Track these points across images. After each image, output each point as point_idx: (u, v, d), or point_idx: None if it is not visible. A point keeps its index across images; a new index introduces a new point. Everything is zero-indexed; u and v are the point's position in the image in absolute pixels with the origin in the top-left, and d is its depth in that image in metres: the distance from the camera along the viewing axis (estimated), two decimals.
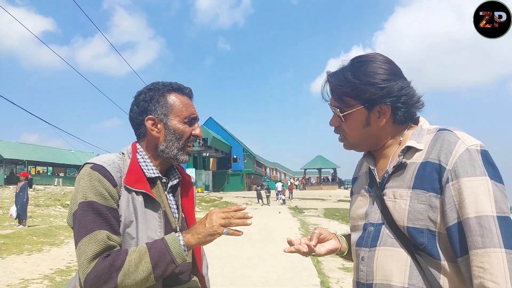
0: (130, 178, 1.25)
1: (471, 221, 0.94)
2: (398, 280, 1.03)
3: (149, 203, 1.25)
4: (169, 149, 1.33)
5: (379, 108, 1.11)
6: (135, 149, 1.36)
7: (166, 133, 1.33)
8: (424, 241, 1.01)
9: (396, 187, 1.09)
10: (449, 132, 1.05)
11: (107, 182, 1.20)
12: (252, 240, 10.71)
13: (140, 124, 1.36)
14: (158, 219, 1.26)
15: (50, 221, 13.92)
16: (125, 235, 1.20)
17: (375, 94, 1.09)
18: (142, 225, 1.22)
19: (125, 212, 1.21)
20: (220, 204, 26.57)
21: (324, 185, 54.22)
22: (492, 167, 0.99)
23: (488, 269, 0.90)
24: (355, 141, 1.19)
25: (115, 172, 1.24)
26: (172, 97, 1.36)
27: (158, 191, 1.33)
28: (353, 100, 1.12)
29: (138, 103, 1.37)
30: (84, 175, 1.21)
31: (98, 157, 1.30)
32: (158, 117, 1.33)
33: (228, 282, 5.98)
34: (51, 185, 33.53)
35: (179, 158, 1.35)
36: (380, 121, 1.13)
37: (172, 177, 1.41)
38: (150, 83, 1.41)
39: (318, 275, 6.47)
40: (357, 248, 1.16)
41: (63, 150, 44.24)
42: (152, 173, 1.32)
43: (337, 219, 19.41)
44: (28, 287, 5.76)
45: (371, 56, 1.14)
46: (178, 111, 1.35)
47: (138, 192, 1.24)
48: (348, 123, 1.16)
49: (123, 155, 1.34)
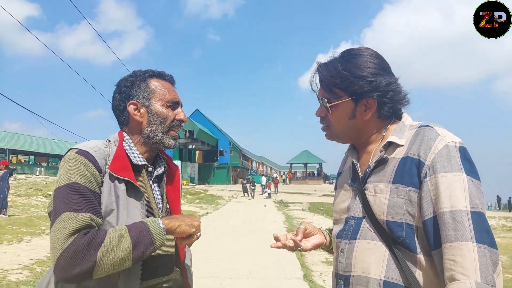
0: (115, 165, 1.23)
1: (446, 215, 0.96)
2: (375, 273, 1.05)
3: (132, 191, 1.23)
4: (154, 133, 1.31)
5: (365, 101, 1.12)
6: (122, 136, 1.33)
7: (150, 117, 1.32)
8: (402, 234, 1.03)
9: (377, 182, 1.10)
10: (430, 129, 1.07)
11: (93, 166, 1.18)
12: (236, 233, 10.73)
13: (122, 111, 1.34)
14: (141, 208, 1.23)
15: (31, 211, 13.67)
16: (105, 224, 1.17)
17: (363, 87, 1.10)
18: (123, 214, 1.19)
19: (106, 200, 1.18)
20: (205, 197, 26.53)
21: (309, 180, 54.67)
22: (469, 163, 1.01)
23: (459, 262, 0.92)
24: (339, 132, 1.20)
25: (101, 159, 1.22)
26: (154, 82, 1.35)
27: (142, 180, 1.30)
28: (341, 91, 1.13)
29: (119, 90, 1.35)
30: (69, 159, 1.19)
31: (83, 143, 1.28)
32: (140, 102, 1.32)
33: (211, 275, 5.98)
34: (33, 174, 32.91)
35: (164, 142, 1.33)
36: (366, 115, 1.14)
37: (158, 167, 1.39)
38: (132, 71, 1.40)
39: (301, 268, 6.54)
40: (338, 240, 1.18)
41: (46, 139, 43.44)
42: (138, 160, 1.30)
43: (322, 213, 19.63)
44: (7, 277, 5.66)
45: (362, 50, 1.16)
46: (161, 95, 1.34)
47: (121, 180, 1.21)
48: (334, 114, 1.17)
49: (109, 142, 1.32)
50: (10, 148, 36.17)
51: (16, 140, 38.60)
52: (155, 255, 1.27)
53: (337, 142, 1.24)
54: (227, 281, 5.70)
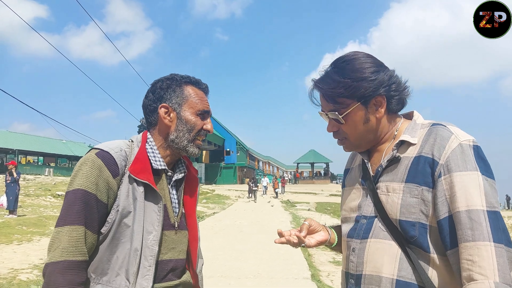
0: (135, 167, 1.23)
1: (462, 214, 0.95)
2: (388, 272, 1.04)
3: (150, 195, 1.24)
4: (179, 139, 1.32)
5: (374, 101, 1.12)
6: (145, 138, 1.34)
7: (178, 123, 1.32)
8: (415, 234, 1.02)
9: (389, 181, 1.09)
10: (443, 127, 1.06)
11: (108, 171, 1.19)
12: (243, 233, 10.74)
13: (153, 112, 1.34)
14: (158, 212, 1.24)
15: (40, 211, 13.81)
16: (121, 225, 1.19)
17: (369, 88, 1.09)
18: (140, 217, 1.21)
19: (124, 202, 1.20)
20: (212, 196, 26.58)
21: (316, 180, 54.56)
22: (484, 162, 1.00)
23: (477, 262, 0.91)
24: (357, 140, 1.17)
25: (121, 160, 1.23)
26: (189, 89, 1.36)
27: (161, 184, 1.31)
28: (348, 99, 1.11)
29: (154, 90, 1.36)
30: (87, 160, 1.21)
31: (106, 142, 1.29)
32: (172, 106, 1.32)
33: (219, 275, 5.99)
34: (42, 175, 33.24)
35: (188, 150, 1.34)
36: (379, 113, 1.13)
37: (178, 171, 1.39)
38: (169, 74, 1.40)
39: (309, 268, 6.51)
40: (349, 239, 1.17)
41: (54, 140, 43.87)
42: (159, 165, 1.30)
43: (329, 213, 19.57)
44: (17, 277, 5.72)
45: (352, 54, 1.15)
46: (193, 103, 1.34)
47: (140, 183, 1.22)
48: (349, 123, 1.14)
49: (132, 143, 1.32)
50: (19, 149, 36.55)
51: (25, 141, 38.99)
52: (167, 259, 1.28)
53: None
54: (235, 280, 5.71)
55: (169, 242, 1.29)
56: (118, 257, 1.19)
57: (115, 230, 1.19)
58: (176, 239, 1.32)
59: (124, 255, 1.19)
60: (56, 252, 1.12)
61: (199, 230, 1.45)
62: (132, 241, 1.19)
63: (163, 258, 1.27)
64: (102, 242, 1.20)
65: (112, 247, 1.19)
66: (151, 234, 1.22)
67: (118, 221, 1.19)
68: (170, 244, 1.30)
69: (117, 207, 1.20)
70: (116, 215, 1.19)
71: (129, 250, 1.19)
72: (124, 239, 1.19)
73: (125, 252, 1.19)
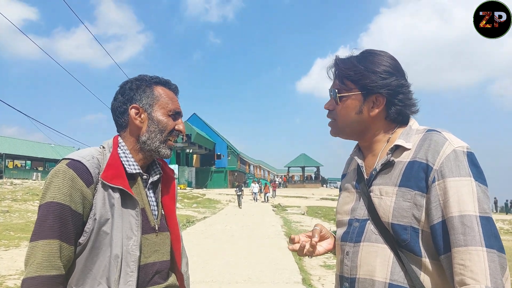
0: (108, 173, 1.21)
1: (455, 219, 0.96)
2: (381, 276, 1.05)
3: (127, 200, 1.22)
4: (151, 140, 1.30)
5: (374, 98, 1.14)
6: (117, 142, 1.32)
7: (150, 123, 1.31)
8: (407, 237, 1.03)
9: (383, 184, 1.10)
10: (437, 133, 1.07)
11: (81, 181, 1.17)
12: (235, 237, 10.71)
13: (123, 113, 1.32)
14: (136, 217, 1.23)
15: (28, 216, 13.59)
16: (100, 233, 1.17)
17: (374, 82, 1.12)
18: (118, 223, 1.19)
19: (100, 210, 1.18)
20: (203, 201, 26.46)
21: (307, 184, 54.64)
22: (477, 169, 1.01)
23: (469, 267, 0.92)
24: (344, 126, 1.20)
25: (94, 168, 1.21)
26: (159, 89, 1.35)
27: (137, 187, 1.29)
28: (353, 84, 1.15)
29: (123, 92, 1.34)
30: (58, 172, 1.18)
31: (77, 151, 1.26)
32: (143, 107, 1.31)
33: (210, 279, 5.97)
34: (29, 179, 32.75)
35: (160, 151, 1.32)
36: (373, 111, 1.15)
37: (153, 173, 1.38)
38: (137, 75, 1.39)
39: (300, 272, 6.52)
40: (342, 243, 1.18)
41: (42, 144, 43.32)
42: (133, 169, 1.29)
43: (319, 217, 19.60)
44: (4, 283, 5.62)
45: (380, 51, 1.18)
46: (164, 103, 1.33)
47: (115, 189, 1.20)
48: (343, 106, 1.17)
49: (103, 149, 1.30)
50: (6, 153, 35.99)
51: (12, 145, 38.45)
52: (151, 262, 1.27)
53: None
54: (225, 285, 5.68)
55: (151, 245, 1.28)
56: (99, 265, 1.17)
57: (94, 239, 1.17)
58: (158, 241, 1.31)
59: (105, 263, 1.17)
60: (31, 268, 1.10)
61: (181, 229, 1.45)
62: (112, 248, 1.17)
63: (147, 262, 1.25)
64: (82, 252, 1.18)
65: (92, 256, 1.18)
66: (131, 239, 1.20)
67: (96, 229, 1.17)
68: (153, 247, 1.28)
69: (94, 216, 1.18)
70: (94, 224, 1.17)
71: (109, 257, 1.17)
72: (104, 247, 1.18)
73: (105, 260, 1.17)
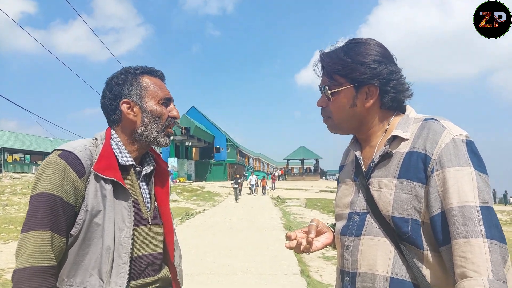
0: (100, 164, 1.20)
1: (455, 211, 0.94)
2: (382, 269, 1.03)
3: (119, 191, 1.21)
4: (148, 132, 1.29)
5: (367, 89, 1.10)
6: (109, 134, 1.30)
7: (144, 115, 1.29)
8: (408, 230, 1.01)
9: (381, 177, 1.08)
10: (435, 122, 1.04)
11: (73, 172, 1.16)
12: (233, 230, 10.74)
13: (114, 110, 1.31)
14: (128, 208, 1.22)
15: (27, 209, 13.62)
16: (91, 225, 1.17)
17: (365, 74, 1.08)
18: (110, 215, 1.18)
19: (92, 201, 1.17)
20: (202, 194, 26.51)
21: (306, 176, 54.76)
22: (477, 157, 0.98)
23: (470, 259, 0.90)
24: (340, 122, 1.16)
25: (86, 159, 1.20)
26: (145, 79, 1.32)
27: (130, 179, 1.29)
28: (343, 78, 1.11)
29: (110, 88, 1.32)
30: (50, 162, 1.17)
31: (69, 143, 1.25)
32: (134, 100, 1.29)
33: (208, 271, 5.99)
34: (28, 173, 32.75)
35: (159, 140, 1.31)
36: (367, 102, 1.11)
37: (146, 165, 1.37)
38: (120, 69, 1.37)
39: (298, 263, 6.54)
40: (342, 236, 1.15)
41: (41, 137, 43.25)
42: (126, 161, 1.28)
43: (319, 209, 19.69)
44: (3, 276, 5.64)
45: (365, 39, 1.14)
46: (153, 92, 1.31)
47: (107, 180, 1.19)
48: (335, 102, 1.13)
49: (96, 141, 1.29)
50: (5, 147, 35.94)
51: (11, 139, 38.39)
52: (143, 254, 1.26)
53: (336, 136, 1.21)
54: (224, 277, 5.70)
55: (143, 237, 1.28)
56: (91, 257, 1.17)
57: (86, 230, 1.17)
58: (150, 233, 1.30)
59: (96, 254, 1.16)
60: (22, 259, 1.09)
61: (174, 222, 1.44)
62: (104, 240, 1.17)
63: (139, 254, 1.25)
64: (73, 243, 1.17)
65: (84, 248, 1.17)
66: (123, 231, 1.20)
67: (88, 221, 1.17)
68: (145, 239, 1.28)
69: (86, 207, 1.17)
70: (86, 215, 1.17)
71: (101, 249, 1.16)
72: (96, 238, 1.17)
73: (97, 251, 1.17)
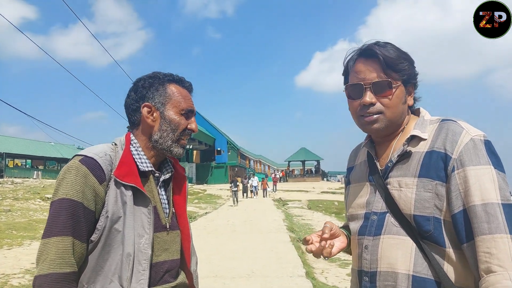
0: (121, 170, 1.21)
1: (477, 208, 0.97)
2: (403, 268, 1.04)
3: (139, 197, 1.22)
4: (163, 139, 1.29)
5: (410, 88, 1.17)
6: (129, 140, 1.31)
7: (162, 122, 1.30)
8: (430, 228, 1.03)
9: (401, 176, 1.10)
10: (453, 123, 1.08)
11: (94, 178, 1.17)
12: (237, 232, 10.74)
13: (135, 111, 1.32)
14: (148, 215, 1.23)
15: (30, 214, 13.61)
16: (112, 231, 1.17)
17: (414, 73, 1.16)
18: (130, 221, 1.19)
19: (112, 207, 1.18)
20: (204, 196, 26.50)
21: (307, 177, 54.69)
22: (495, 157, 1.02)
23: (495, 254, 0.93)
24: (394, 117, 1.14)
25: (106, 165, 1.21)
26: (172, 87, 1.33)
27: (149, 185, 1.29)
28: (398, 74, 1.13)
29: (136, 89, 1.33)
30: (71, 168, 1.17)
31: (90, 148, 1.26)
32: (155, 105, 1.30)
33: (213, 275, 5.99)
34: (30, 178, 32.75)
35: (172, 150, 1.31)
36: (410, 100, 1.18)
37: (165, 171, 1.37)
38: (151, 72, 1.37)
39: (303, 266, 6.54)
40: (360, 237, 1.16)
41: (42, 142, 43.22)
42: (145, 167, 1.28)
43: (320, 210, 19.66)
44: (9, 282, 5.64)
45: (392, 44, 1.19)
46: (176, 102, 1.31)
47: (127, 186, 1.20)
48: (394, 97, 1.12)
49: (115, 146, 1.29)
50: (6, 152, 35.96)
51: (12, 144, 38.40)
52: (161, 261, 1.27)
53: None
54: (229, 280, 5.70)
55: (162, 243, 1.28)
56: (111, 263, 1.17)
57: (106, 236, 1.17)
58: (168, 239, 1.31)
59: (116, 261, 1.17)
60: (44, 265, 1.09)
61: (191, 228, 1.45)
62: (124, 246, 1.17)
63: (158, 260, 1.26)
64: (93, 250, 1.18)
65: (104, 254, 1.17)
66: (143, 237, 1.20)
67: (108, 227, 1.17)
68: (163, 245, 1.28)
69: (106, 213, 1.17)
70: (106, 221, 1.17)
71: (121, 255, 1.17)
72: (116, 244, 1.17)
73: (117, 258, 1.17)
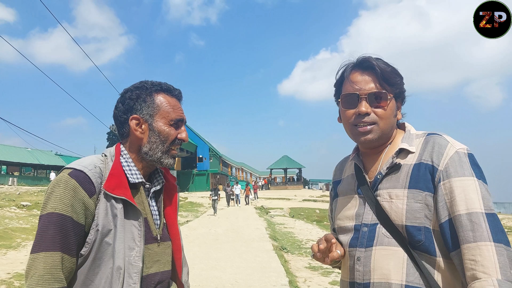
0: (110, 183, 1.20)
1: (462, 217, 1.02)
2: (396, 278, 1.08)
3: (129, 210, 1.21)
4: (153, 151, 1.28)
5: (399, 102, 1.23)
6: (119, 151, 1.29)
7: (151, 134, 1.28)
8: (421, 238, 1.07)
9: (391, 188, 1.14)
10: (439, 136, 1.14)
11: (83, 191, 1.16)
12: (219, 241, 10.67)
13: (123, 123, 1.30)
14: (138, 227, 1.21)
15: (5, 222, 13.16)
16: (102, 244, 1.16)
17: (403, 88, 1.22)
18: (120, 234, 1.18)
19: (103, 220, 1.16)
20: (185, 204, 26.21)
21: (289, 185, 54.94)
22: (478, 169, 1.08)
23: (480, 261, 0.98)
24: (385, 129, 1.18)
25: (96, 177, 1.19)
26: (160, 97, 1.30)
27: (140, 197, 1.28)
28: (392, 88, 1.19)
29: (123, 101, 1.31)
30: (60, 181, 1.16)
31: (79, 160, 1.24)
32: (143, 117, 1.28)
33: (196, 284, 5.94)
34: (5, 184, 31.73)
35: (163, 161, 1.30)
36: (399, 114, 1.24)
37: (156, 182, 1.37)
38: (138, 82, 1.35)
39: (286, 274, 6.55)
40: (351, 249, 1.19)
41: (18, 148, 41.95)
42: (136, 178, 1.27)
43: (302, 218, 19.75)
44: None
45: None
46: (165, 112, 1.29)
47: (118, 199, 1.19)
48: (387, 109, 1.18)
49: (105, 158, 1.28)
50: None
51: None
52: (152, 273, 1.26)
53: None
54: None
55: (152, 255, 1.26)
56: (101, 277, 1.15)
57: (96, 250, 1.16)
58: (159, 251, 1.29)
59: (107, 274, 1.15)
60: (32, 280, 1.07)
61: (182, 238, 1.44)
62: (114, 260, 1.16)
63: (149, 272, 1.24)
64: (83, 263, 1.16)
65: (94, 267, 1.16)
66: (133, 250, 1.19)
67: (98, 240, 1.15)
68: (154, 257, 1.27)
69: (96, 227, 1.16)
70: (96, 235, 1.16)
71: (111, 269, 1.15)
72: (106, 258, 1.16)
73: (107, 271, 1.15)
